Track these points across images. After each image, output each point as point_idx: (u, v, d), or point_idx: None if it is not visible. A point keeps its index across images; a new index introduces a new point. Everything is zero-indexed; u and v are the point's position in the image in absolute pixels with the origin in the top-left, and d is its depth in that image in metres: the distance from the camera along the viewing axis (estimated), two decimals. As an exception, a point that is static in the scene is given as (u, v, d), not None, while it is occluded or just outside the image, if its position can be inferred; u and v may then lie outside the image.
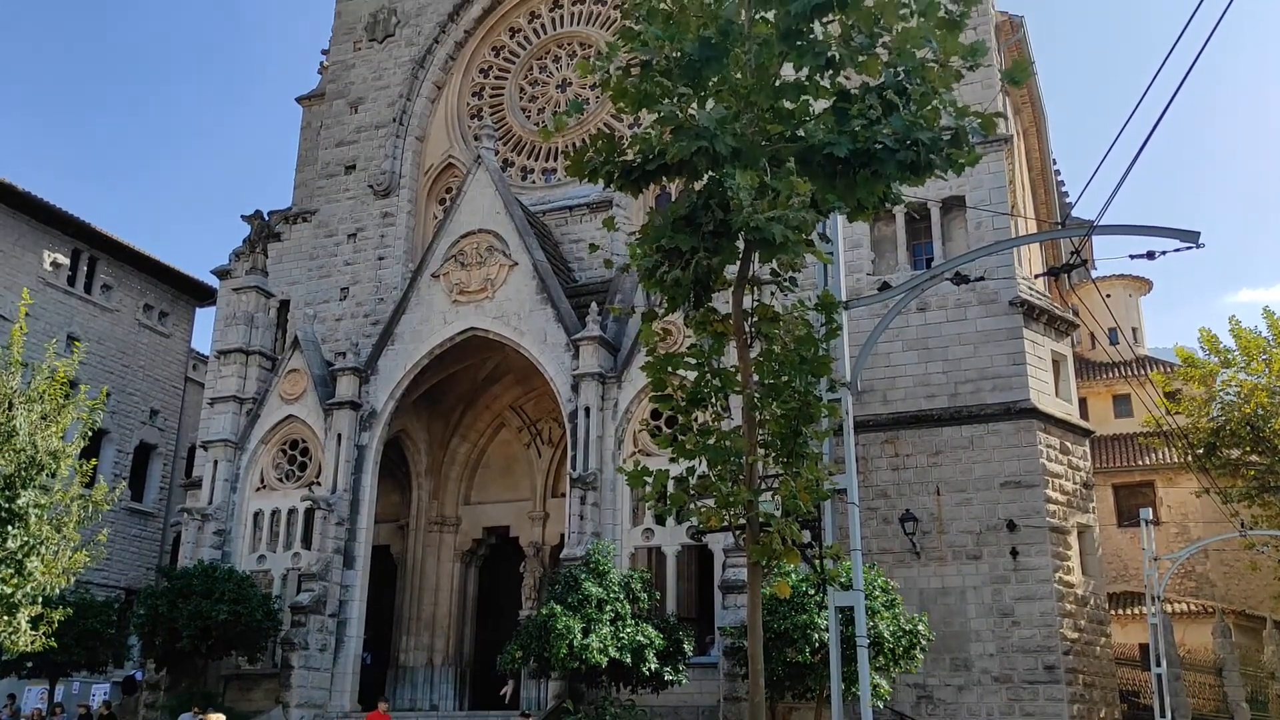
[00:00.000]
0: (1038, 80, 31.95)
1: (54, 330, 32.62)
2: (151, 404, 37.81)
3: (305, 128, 36.26)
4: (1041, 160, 35.07)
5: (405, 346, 27.00)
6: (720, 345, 9.48)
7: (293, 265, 32.91)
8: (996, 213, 25.35)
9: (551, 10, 33.43)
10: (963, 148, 8.28)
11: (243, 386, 28.44)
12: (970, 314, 25.47)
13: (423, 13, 34.15)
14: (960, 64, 8.29)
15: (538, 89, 32.97)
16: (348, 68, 34.71)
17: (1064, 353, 26.69)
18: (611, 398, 24.34)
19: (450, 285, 26.85)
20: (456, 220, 27.44)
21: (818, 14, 7.89)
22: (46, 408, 15.63)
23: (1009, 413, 24.48)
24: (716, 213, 8.24)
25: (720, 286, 9.00)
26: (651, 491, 9.36)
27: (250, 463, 27.60)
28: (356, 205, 32.82)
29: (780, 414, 9.32)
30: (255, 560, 26.80)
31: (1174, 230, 9.39)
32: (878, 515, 24.70)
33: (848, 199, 8.56)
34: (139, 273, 37.81)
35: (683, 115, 8.10)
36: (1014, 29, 28.88)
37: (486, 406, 30.98)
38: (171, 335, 39.24)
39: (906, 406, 25.41)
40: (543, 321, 25.74)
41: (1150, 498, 36.54)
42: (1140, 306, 44.95)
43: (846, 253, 25.80)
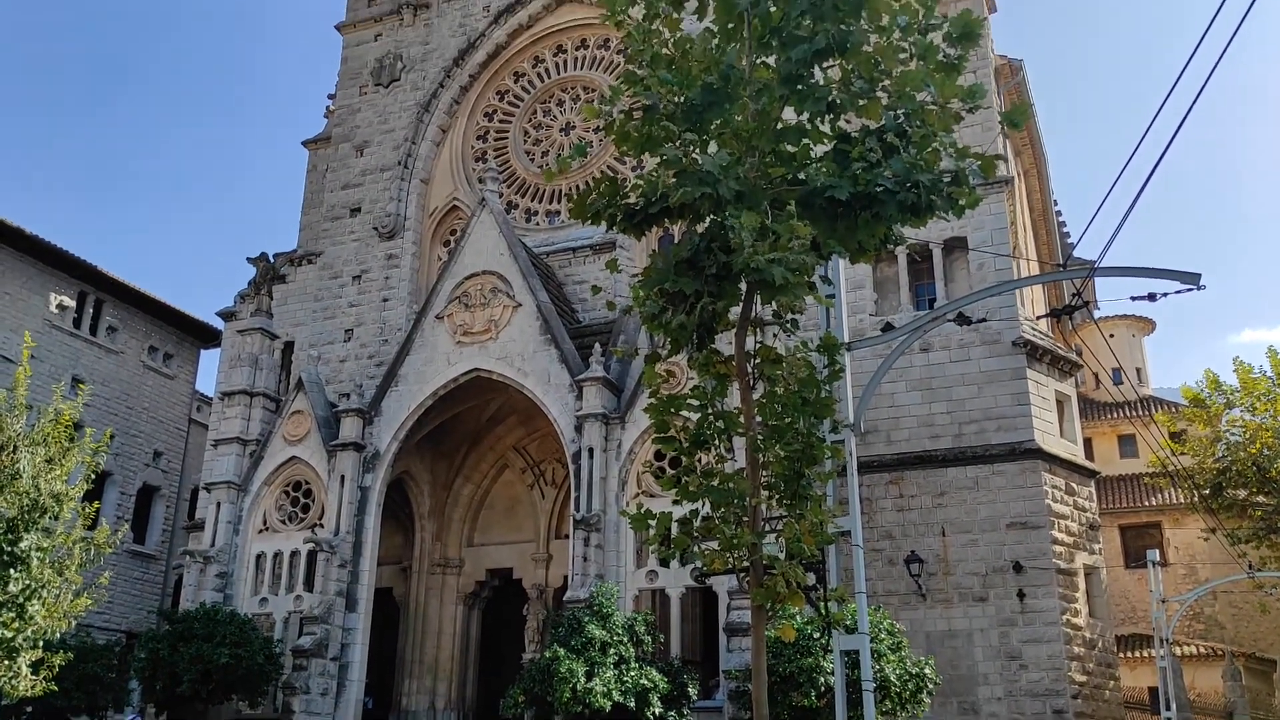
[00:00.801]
0: (1037, 122, 32.20)
1: (59, 372, 32.69)
2: (155, 445, 37.78)
3: (311, 171, 36.59)
4: (1043, 201, 35.26)
5: (409, 388, 27.03)
6: (723, 387, 9.49)
7: (297, 307, 33.05)
8: (998, 254, 25.45)
9: (555, 55, 33.82)
10: (963, 189, 8.35)
11: (246, 428, 28.45)
12: (973, 354, 25.49)
13: (428, 58, 34.56)
14: (959, 106, 8.37)
15: (542, 132, 33.26)
16: (354, 112, 35.07)
17: (1068, 393, 26.66)
18: (615, 438, 24.31)
19: (454, 326, 26.93)
20: (460, 262, 27.58)
21: (818, 59, 7.99)
22: (51, 450, 15.61)
23: (1014, 453, 24.42)
24: (718, 256, 8.29)
25: (723, 328, 9.03)
26: (655, 534, 9.33)
27: (253, 504, 27.55)
28: (361, 247, 33.01)
29: (783, 456, 9.31)
30: (257, 603, 26.66)
31: (1175, 272, 9.42)
32: (883, 556, 24.56)
33: (849, 241, 8.61)
34: (144, 315, 37.94)
35: (686, 159, 8.17)
36: (1013, 72, 29.16)
37: (490, 447, 30.95)
38: (176, 377, 39.29)
39: (911, 447, 25.35)
40: (546, 362, 25.78)
41: (1157, 539, 36.28)
42: (1144, 346, 44.93)
43: (849, 293, 25.95)
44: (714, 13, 8.27)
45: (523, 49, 34.03)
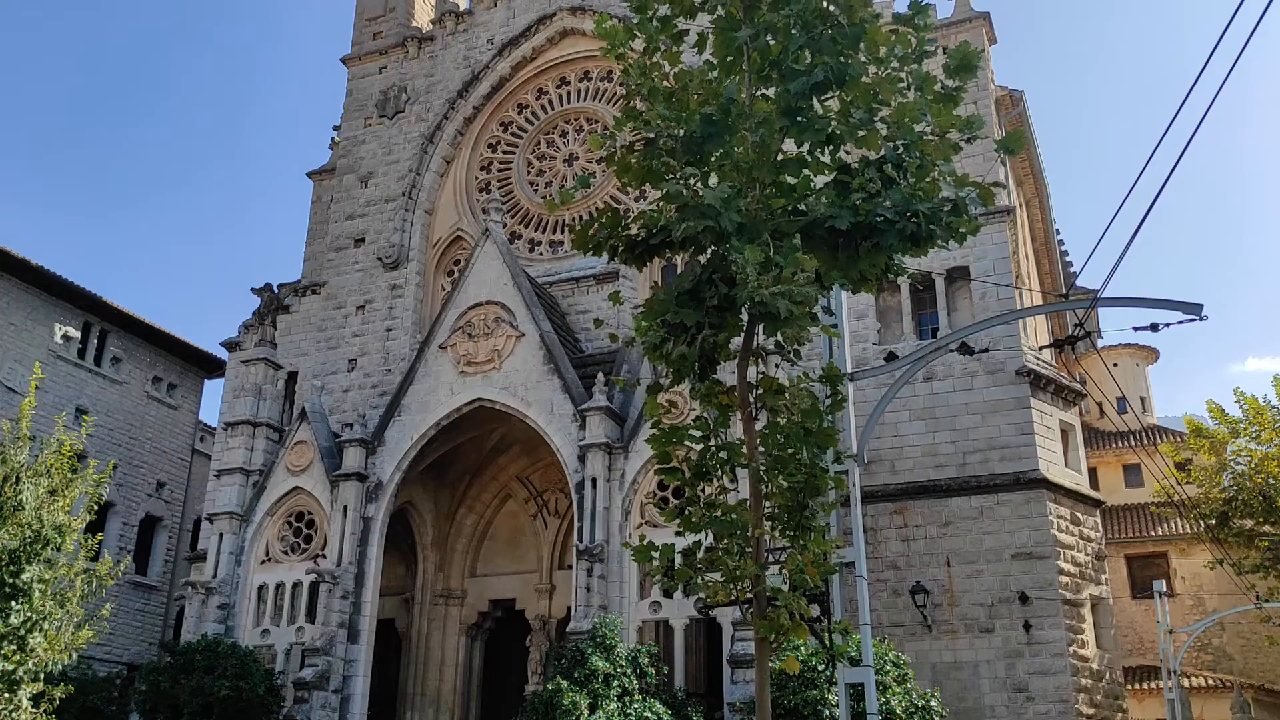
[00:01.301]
0: (1038, 152, 32.34)
1: (63, 403, 32.73)
2: (158, 476, 37.75)
3: (316, 202, 36.80)
4: (1045, 230, 35.34)
5: (412, 418, 27.03)
6: (725, 418, 9.48)
7: (301, 337, 33.13)
8: (1000, 284, 25.49)
9: (559, 87, 34.07)
10: (962, 218, 8.38)
11: (249, 458, 28.45)
12: (977, 383, 25.46)
13: (432, 90, 34.84)
14: (958, 136, 8.42)
15: (545, 163, 33.45)
16: (358, 143, 35.31)
17: (1072, 422, 26.61)
18: (618, 468, 24.27)
19: (457, 356, 26.97)
20: (464, 292, 27.66)
21: (817, 92, 8.04)
22: (54, 481, 15.61)
23: (1018, 483, 24.33)
24: (720, 287, 8.31)
25: (725, 359, 9.04)
26: (658, 566, 9.29)
27: (256, 535, 27.48)
28: (365, 277, 33.14)
29: (786, 486, 9.28)
30: (259, 635, 26.53)
31: (1177, 302, 9.43)
32: (888, 587, 24.43)
33: (850, 271, 8.64)
34: (149, 345, 38.04)
35: (687, 192, 8.22)
36: (1014, 103, 29.32)
37: (493, 477, 30.91)
38: (180, 407, 39.32)
39: (915, 476, 25.28)
40: (549, 392, 25.78)
41: (1164, 569, 36.07)
42: (1147, 375, 44.88)
43: (852, 322, 25.97)
44: (713, 46, 8.34)
45: (526, 81, 34.29)
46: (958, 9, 29.24)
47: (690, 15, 8.67)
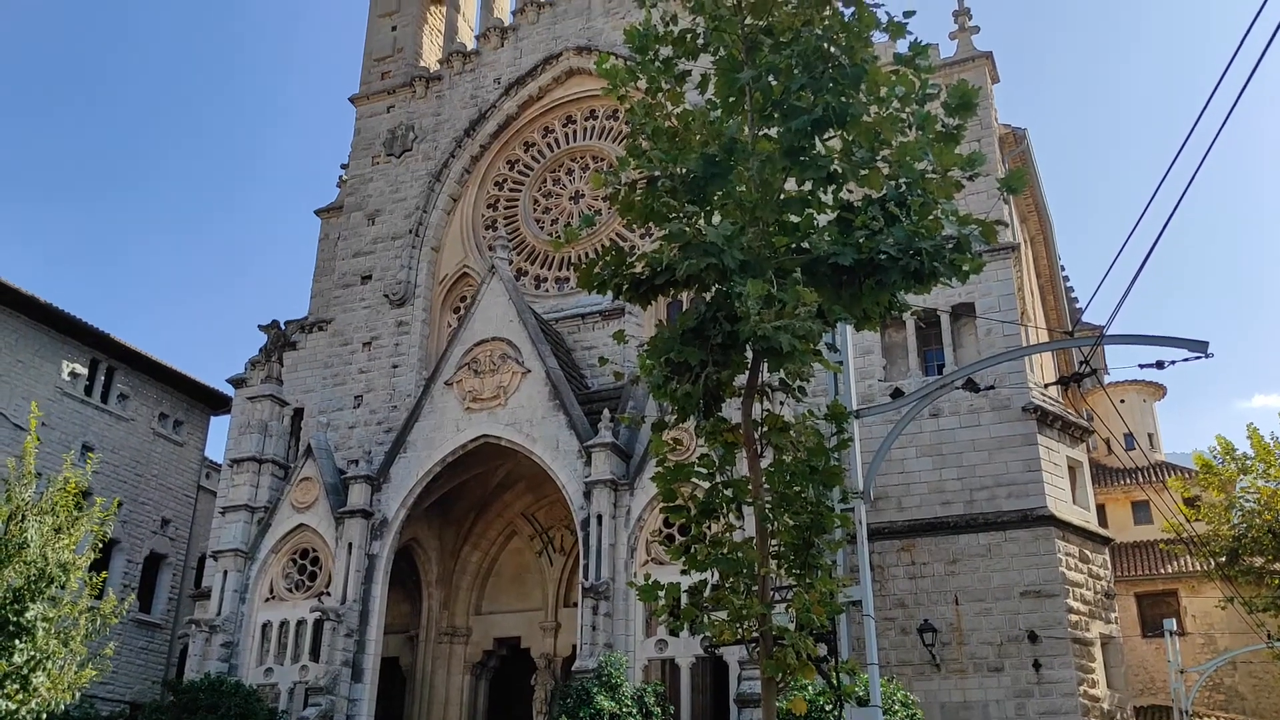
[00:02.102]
0: (1042, 189, 32.45)
1: (70, 440, 32.79)
2: (163, 513, 37.71)
3: (323, 239, 37.02)
4: (1050, 267, 35.39)
5: (417, 454, 27.01)
6: (731, 455, 9.47)
7: (308, 373, 33.20)
8: (1005, 320, 25.50)
9: (565, 125, 34.35)
10: (965, 255, 8.42)
11: (254, 495, 28.41)
12: (983, 420, 25.40)
13: (440, 128, 35.13)
14: (959, 175, 8.48)
15: (551, 200, 33.65)
16: (366, 181, 35.57)
17: (1079, 459, 26.49)
18: (624, 505, 24.19)
19: (463, 393, 26.98)
20: (470, 328, 27.73)
21: (819, 131, 8.12)
22: (59, 519, 15.62)
23: (1026, 520, 24.19)
24: (724, 325, 8.34)
25: (730, 396, 9.05)
26: (663, 605, 9.24)
27: (260, 572, 27.38)
28: (372, 314, 33.25)
29: (792, 525, 9.25)
30: (262, 673, 26.35)
31: (1183, 340, 9.43)
32: (895, 625, 24.23)
33: (854, 309, 8.67)
34: (155, 382, 38.13)
35: (690, 231, 8.27)
36: (1017, 140, 29.48)
37: (498, 514, 30.82)
38: (185, 444, 39.35)
39: (922, 513, 25.15)
40: (555, 428, 25.76)
41: (1174, 607, 35.75)
42: (1155, 412, 44.72)
43: (858, 359, 25.98)
44: (715, 86, 8.42)
45: (533, 119, 34.57)
46: (960, 48, 29.49)
47: (692, 56, 8.77)
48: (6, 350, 32.58)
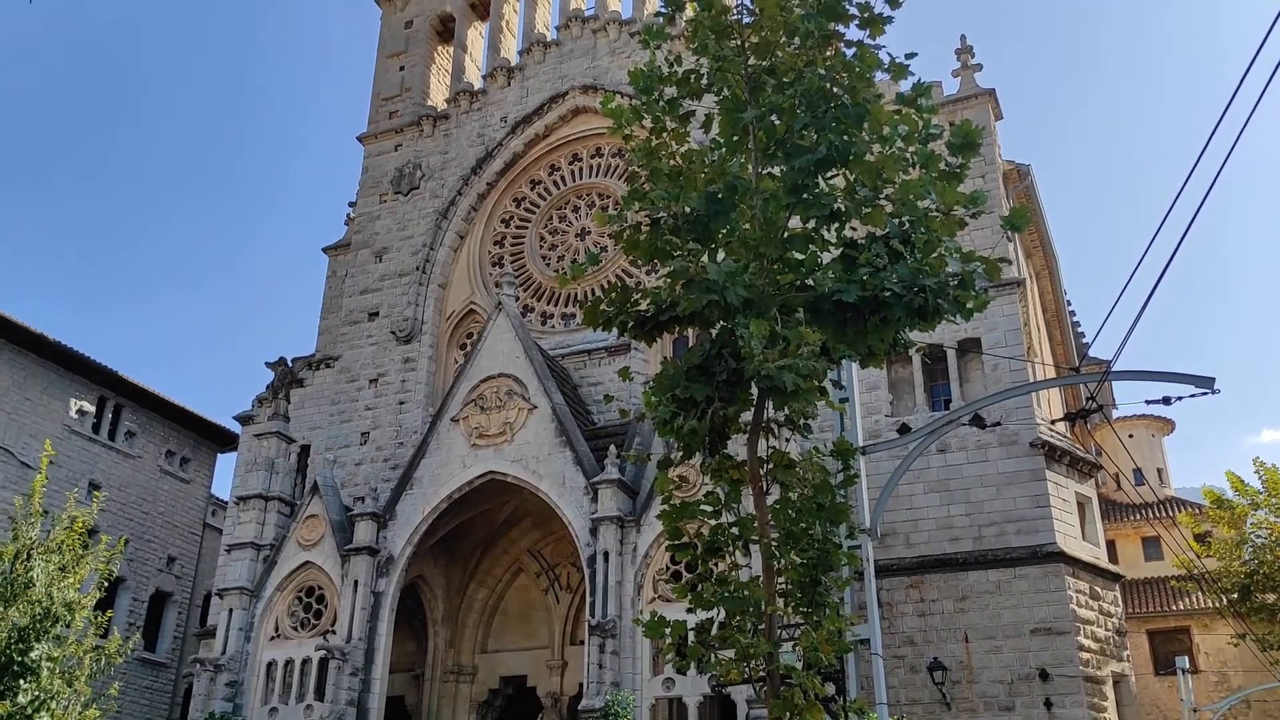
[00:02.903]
0: (1047, 224, 32.53)
1: (77, 478, 32.80)
2: (169, 551, 37.64)
3: (331, 276, 37.20)
4: (1056, 302, 35.40)
5: (424, 491, 26.97)
6: (737, 492, 9.44)
7: (314, 410, 33.24)
8: (1012, 357, 25.48)
9: (571, 163, 34.60)
10: (969, 292, 8.43)
11: (260, 533, 28.36)
12: (991, 455, 25.30)
13: (447, 167, 35.41)
14: (963, 213, 8.52)
15: (558, 237, 33.82)
16: (373, 219, 35.81)
17: (1088, 495, 26.36)
18: (630, 542, 24.09)
19: (469, 429, 26.99)
20: (477, 365, 27.78)
21: (822, 169, 8.17)
22: (65, 558, 15.59)
23: (1035, 556, 24.02)
24: (729, 362, 8.35)
25: (735, 432, 9.04)
26: (669, 644, 9.18)
27: (265, 610, 27.26)
28: (379, 351, 33.34)
29: (799, 562, 9.21)
30: (267, 713, 26.17)
31: (1189, 376, 9.42)
32: (905, 664, 24.01)
33: (858, 346, 8.68)
34: (163, 419, 38.20)
35: (694, 269, 8.31)
36: (1021, 177, 29.60)
37: (504, 551, 30.70)
38: (192, 481, 39.35)
39: (930, 550, 24.99)
40: (561, 465, 25.72)
41: (1187, 644, 35.36)
42: (1164, 447, 44.48)
43: (864, 394, 25.93)
44: (719, 126, 8.49)
45: (539, 157, 34.84)
46: (963, 86, 29.70)
47: (696, 96, 8.86)
48: (15, 388, 32.69)
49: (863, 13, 8.34)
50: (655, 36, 8.82)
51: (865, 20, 8.37)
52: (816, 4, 8.17)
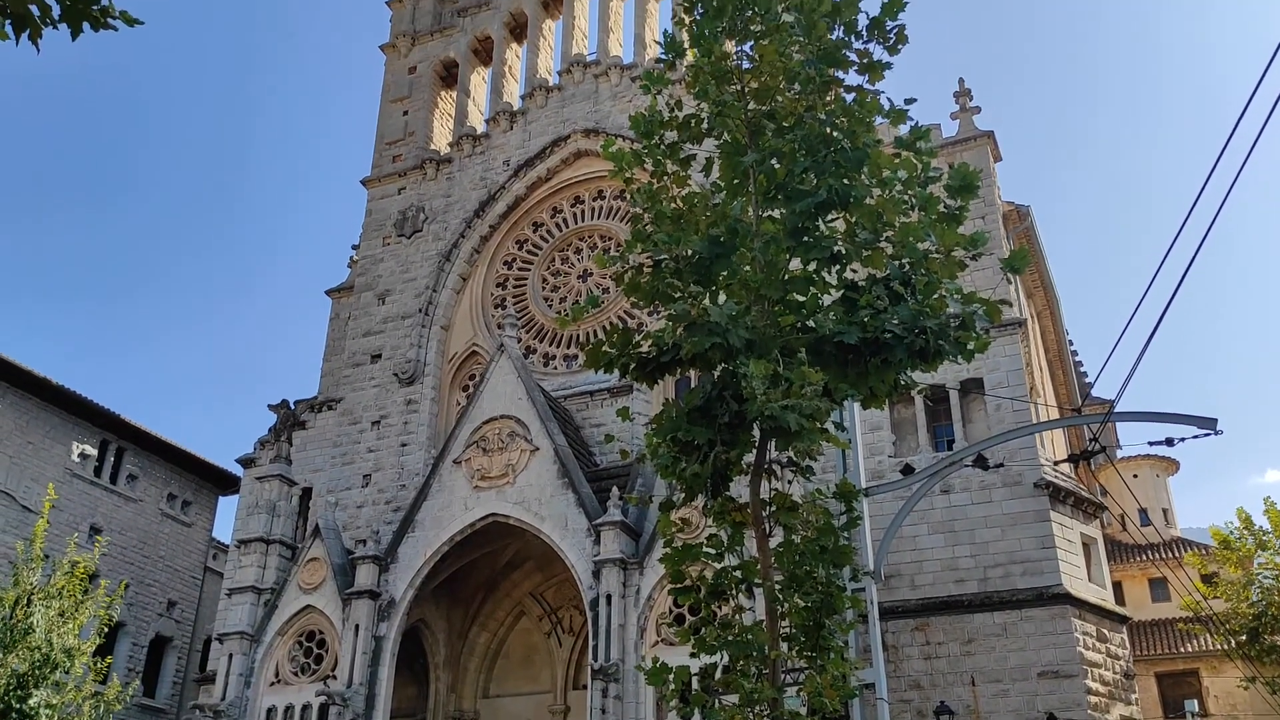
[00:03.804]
0: (1047, 264, 32.64)
1: (78, 521, 32.70)
2: (170, 595, 37.41)
3: (334, 319, 37.30)
4: (1058, 342, 35.43)
5: (425, 533, 26.84)
6: (739, 535, 9.41)
7: (316, 453, 33.18)
8: (1015, 398, 25.45)
9: (573, 205, 34.81)
10: (970, 333, 8.46)
11: (261, 576, 28.19)
12: (995, 496, 25.19)
13: (450, 210, 35.63)
14: (962, 254, 8.57)
15: (560, 279, 33.94)
16: (377, 261, 35.97)
17: (1094, 535, 26.20)
18: (634, 584, 23.93)
19: (472, 471, 26.92)
20: (479, 407, 27.75)
21: (822, 212, 8.23)
22: (64, 604, 15.53)
23: (1041, 598, 23.83)
24: (731, 404, 8.36)
25: (738, 475, 9.02)
26: (673, 690, 9.11)
27: (266, 655, 27.03)
28: (381, 393, 33.35)
29: (803, 606, 9.16)
30: (266, 760, 25.86)
31: (1192, 417, 9.41)
32: (911, 708, 23.74)
33: (860, 387, 8.69)
34: (165, 462, 38.15)
35: (696, 311, 8.34)
36: (1021, 218, 29.74)
37: (506, 594, 30.49)
38: (193, 525, 39.21)
39: (935, 592, 24.80)
40: (564, 506, 25.62)
41: (1196, 687, 34.96)
42: (1169, 487, 44.27)
43: (867, 434, 25.88)
44: (720, 169, 8.56)
45: (541, 200, 35.05)
46: (962, 128, 29.93)
47: (697, 141, 8.94)
48: (18, 432, 32.68)
49: (862, 59, 8.45)
50: (656, 82, 8.93)
51: (864, 66, 8.47)
52: (816, 50, 8.27)
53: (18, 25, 4.19)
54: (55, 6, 4.26)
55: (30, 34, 4.22)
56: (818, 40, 8.24)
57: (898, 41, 8.22)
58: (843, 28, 8.29)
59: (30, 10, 4.13)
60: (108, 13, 4.32)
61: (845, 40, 8.38)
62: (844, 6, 8.12)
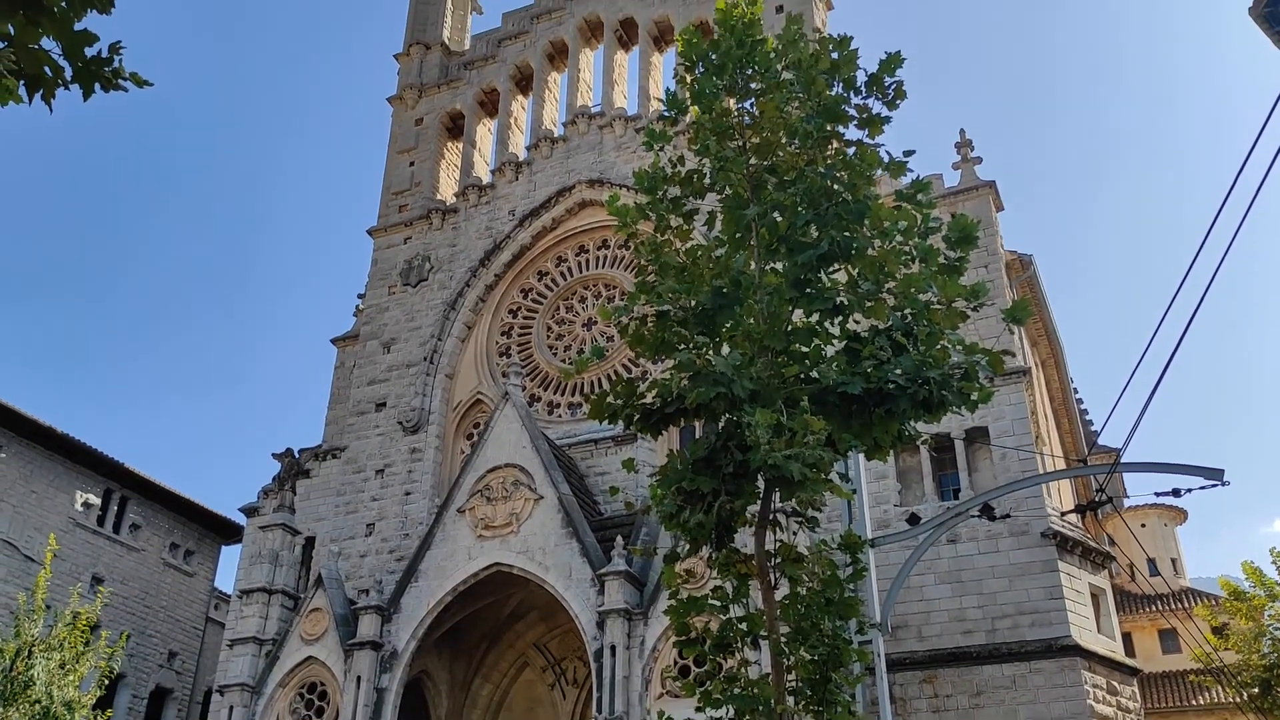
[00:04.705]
0: (1051, 313, 32.68)
1: (80, 571, 32.56)
2: (171, 645, 37.13)
3: (339, 367, 37.38)
4: (1063, 391, 35.36)
5: (429, 583, 26.67)
6: (745, 587, 9.36)
7: (320, 502, 33.09)
8: (1020, 448, 25.36)
9: (578, 255, 35.01)
10: (973, 384, 8.47)
11: (263, 627, 27.98)
12: (1002, 545, 25.00)
13: (455, 259, 35.85)
14: (964, 305, 8.60)
15: (564, 327, 34.04)
16: (382, 310, 36.13)
17: (1102, 586, 25.96)
18: (638, 635, 23.71)
19: (475, 520, 26.80)
20: (483, 455, 27.70)
21: (824, 264, 8.29)
22: (65, 655, 15.42)
23: (1050, 650, 23.54)
24: (735, 454, 8.35)
25: (742, 525, 8.99)
26: (677, 744, 9.01)
27: (266, 708, 26.74)
28: (385, 441, 33.32)
29: (809, 659, 9.08)
30: (265, 815, 25.49)
31: (1198, 468, 9.38)
32: (920, 762, 23.37)
33: (864, 437, 8.69)
34: (168, 511, 38.06)
35: (700, 361, 8.37)
36: (1024, 267, 29.84)
37: (510, 645, 30.20)
38: (195, 574, 39.01)
39: (943, 643, 24.52)
40: (568, 556, 25.47)
41: (1210, 741, 34.39)
42: (1177, 536, 43.90)
43: (872, 484, 25.74)
44: (722, 223, 8.64)
45: (546, 249, 35.27)
46: (964, 179, 30.13)
47: (699, 195, 9.03)
48: (22, 481, 32.66)
49: (861, 114, 8.55)
50: (658, 139, 9.04)
51: (864, 121, 8.58)
52: (816, 106, 8.38)
53: (31, 86, 4.29)
54: (68, 68, 4.36)
55: (44, 94, 4.32)
56: (817, 96, 8.35)
57: (896, 97, 8.33)
58: (842, 84, 8.41)
59: (44, 71, 4.23)
60: (119, 74, 4.42)
61: (844, 96, 8.49)
62: (842, 64, 8.25)
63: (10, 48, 4.15)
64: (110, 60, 4.38)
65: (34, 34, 4.21)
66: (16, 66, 4.20)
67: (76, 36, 4.37)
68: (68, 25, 4.25)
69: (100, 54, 4.35)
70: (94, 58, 4.34)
